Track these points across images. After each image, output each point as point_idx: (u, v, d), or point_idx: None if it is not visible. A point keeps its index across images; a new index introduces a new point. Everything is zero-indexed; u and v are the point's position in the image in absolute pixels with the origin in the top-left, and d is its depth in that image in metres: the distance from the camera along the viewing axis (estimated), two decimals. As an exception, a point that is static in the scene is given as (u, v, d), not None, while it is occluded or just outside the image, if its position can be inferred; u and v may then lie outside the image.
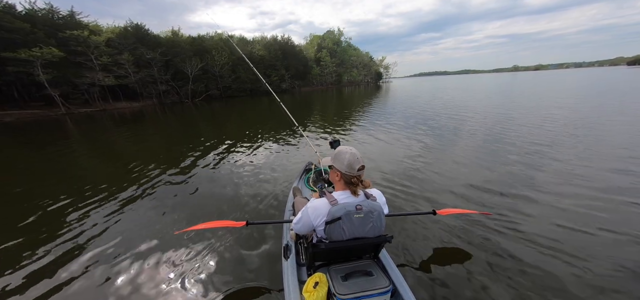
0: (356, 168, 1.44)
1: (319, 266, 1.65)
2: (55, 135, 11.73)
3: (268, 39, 50.49)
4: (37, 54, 20.14)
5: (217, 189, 4.36)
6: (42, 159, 7.40)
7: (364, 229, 1.47)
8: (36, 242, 3.05)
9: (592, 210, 3.13)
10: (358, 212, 1.43)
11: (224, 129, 10.97)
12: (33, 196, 4.43)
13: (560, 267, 2.29)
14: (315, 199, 1.57)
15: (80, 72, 24.09)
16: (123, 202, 4.03)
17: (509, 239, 2.67)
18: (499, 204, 3.38)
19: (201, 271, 2.44)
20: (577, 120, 8.29)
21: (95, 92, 25.64)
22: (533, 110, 10.87)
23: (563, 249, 2.50)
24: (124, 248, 2.85)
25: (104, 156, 7.53)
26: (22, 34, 20.54)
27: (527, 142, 6.09)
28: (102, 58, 24.99)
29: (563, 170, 4.35)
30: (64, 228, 3.34)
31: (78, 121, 16.94)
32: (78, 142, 9.82)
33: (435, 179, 4.30)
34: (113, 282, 2.37)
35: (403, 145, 6.56)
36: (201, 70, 33.64)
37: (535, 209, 3.21)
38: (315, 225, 1.51)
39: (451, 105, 13.98)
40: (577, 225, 2.85)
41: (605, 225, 2.83)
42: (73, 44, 23.45)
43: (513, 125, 8.06)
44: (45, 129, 14.03)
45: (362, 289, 1.41)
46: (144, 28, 31.31)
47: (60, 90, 22.96)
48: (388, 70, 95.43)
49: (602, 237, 2.65)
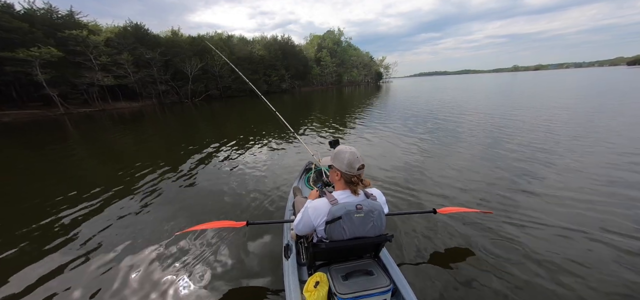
0: (356, 167, 1.44)
1: (320, 266, 1.65)
2: (54, 135, 11.69)
3: (268, 39, 50.45)
4: (35, 54, 20.08)
5: (217, 189, 4.33)
6: (41, 159, 7.35)
7: (364, 229, 1.46)
8: (34, 242, 3.04)
9: (593, 210, 3.12)
10: (358, 212, 1.43)
11: (224, 129, 10.96)
12: (32, 196, 4.41)
13: (561, 268, 2.28)
14: (315, 199, 1.57)
15: (79, 72, 24.05)
16: (122, 203, 3.99)
17: (510, 239, 2.66)
18: (500, 203, 3.37)
19: (202, 272, 2.43)
20: (578, 120, 8.27)
21: (94, 92, 25.59)
22: (533, 110, 10.87)
23: (564, 249, 2.49)
24: (124, 249, 2.83)
25: (104, 157, 7.49)
26: (21, 34, 20.48)
27: (528, 142, 6.06)
28: (101, 58, 24.94)
29: (564, 171, 4.33)
30: (62, 229, 3.33)
31: (77, 121, 16.89)
32: (77, 143, 9.78)
33: (436, 178, 4.28)
34: (113, 284, 2.36)
35: (403, 144, 6.55)
36: (201, 70, 33.61)
37: (536, 209, 3.20)
38: (315, 225, 1.50)
39: (451, 105, 13.93)
40: (578, 225, 2.84)
41: (605, 225, 2.82)
42: (72, 43, 23.40)
43: (513, 125, 8.04)
44: (44, 129, 13.96)
45: (363, 288, 1.41)
46: (143, 28, 31.27)
47: (59, 90, 22.89)
48: (388, 70, 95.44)
49: (602, 236, 2.65)
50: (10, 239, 3.12)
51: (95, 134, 11.69)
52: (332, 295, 1.44)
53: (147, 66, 29.14)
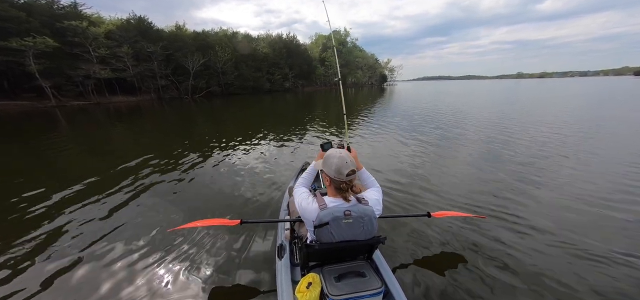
0: (345, 173, 1.39)
1: (313, 266, 1.66)
2: (44, 127, 11.31)
3: (273, 37, 49.62)
4: (29, 44, 19.34)
5: (211, 187, 4.27)
6: (28, 153, 6.92)
7: (353, 233, 1.43)
8: (24, 239, 2.91)
9: (586, 217, 3.16)
10: (347, 218, 1.40)
11: (222, 127, 10.69)
12: (21, 191, 4.16)
13: (552, 272, 2.29)
14: (307, 198, 1.51)
15: (76, 63, 23.22)
16: (113, 198, 3.87)
17: (502, 243, 2.67)
18: (494, 208, 3.37)
19: (194, 270, 2.38)
20: (581, 128, 8.13)
21: (90, 85, 24.86)
22: (535, 117, 10.70)
23: (555, 255, 2.51)
24: (115, 246, 2.76)
25: (96, 151, 7.24)
26: (16, 23, 19.82)
27: (528, 149, 5.99)
28: (100, 50, 24.24)
29: (559, 178, 4.31)
30: (51, 225, 3.19)
31: (69, 114, 16.37)
32: (68, 137, 9.31)
33: (432, 182, 4.26)
34: (102, 281, 2.29)
35: (403, 147, 6.51)
36: (203, 66, 32.80)
37: (530, 216, 3.16)
38: (306, 223, 1.53)
39: (454, 111, 13.53)
40: (571, 232, 2.84)
41: (598, 236, 2.79)
42: (70, 34, 22.73)
43: (514, 131, 7.94)
44: (34, 121, 13.50)
45: (355, 289, 1.41)
46: (146, 20, 30.63)
47: (53, 81, 22.07)
48: (393, 73, 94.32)
49: (593, 245, 2.63)
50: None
51: (89, 128, 11.22)
52: (324, 296, 1.43)
53: (147, 60, 28.29)
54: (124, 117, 14.79)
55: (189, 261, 2.47)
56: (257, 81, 40.63)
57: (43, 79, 21.26)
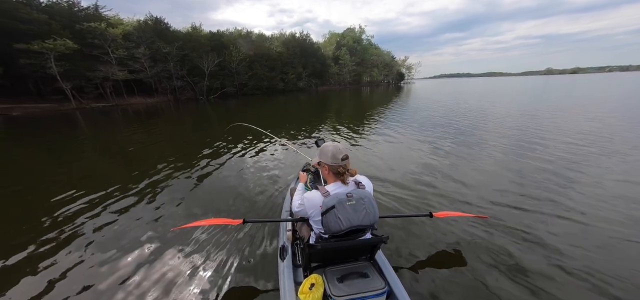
0: (340, 158, 1.51)
1: (315, 267, 1.66)
2: (63, 131, 11.41)
3: (286, 36, 49.27)
4: (49, 46, 19.87)
5: (215, 187, 4.37)
6: (45, 152, 7.41)
7: (358, 217, 1.45)
8: (32, 237, 3.01)
9: (592, 222, 2.99)
10: (349, 199, 1.45)
11: (235, 130, 10.21)
12: (32, 191, 4.46)
13: (554, 274, 2.25)
14: (309, 191, 1.60)
15: (95, 65, 23.75)
16: (117, 198, 3.98)
17: (504, 243, 2.64)
18: (496, 208, 3.34)
19: (196, 269, 2.40)
20: (609, 133, 7.09)
21: (109, 87, 25.40)
22: (558, 118, 9.81)
23: (557, 257, 2.46)
24: (119, 244, 2.82)
25: (109, 152, 7.44)
26: (38, 25, 20.44)
27: (549, 152, 5.57)
28: (117, 51, 24.70)
29: (566, 185, 4.01)
30: (59, 222, 3.31)
31: (89, 116, 16.55)
32: (88, 138, 9.60)
33: (436, 183, 4.21)
34: (106, 279, 2.32)
35: (411, 148, 6.43)
36: (218, 66, 32.87)
37: (533, 220, 3.07)
38: (311, 216, 1.58)
39: (475, 111, 12.36)
40: (575, 236, 2.77)
41: (604, 235, 2.73)
42: (89, 36, 23.28)
43: (530, 133, 7.41)
44: (55, 124, 13.74)
45: (358, 290, 1.42)
46: (163, 21, 31.07)
47: (73, 83, 22.68)
48: (410, 70, 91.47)
49: (597, 249, 2.54)
50: (6, 234, 3.11)
51: (106, 131, 11.09)
52: (327, 297, 1.44)
53: (164, 60, 28.63)
54: (142, 118, 14.73)
55: (192, 261, 2.51)
56: (271, 81, 40.39)
57: (64, 81, 21.85)
